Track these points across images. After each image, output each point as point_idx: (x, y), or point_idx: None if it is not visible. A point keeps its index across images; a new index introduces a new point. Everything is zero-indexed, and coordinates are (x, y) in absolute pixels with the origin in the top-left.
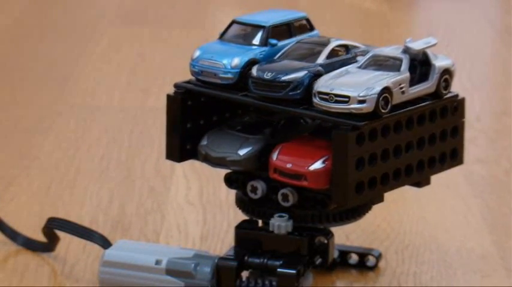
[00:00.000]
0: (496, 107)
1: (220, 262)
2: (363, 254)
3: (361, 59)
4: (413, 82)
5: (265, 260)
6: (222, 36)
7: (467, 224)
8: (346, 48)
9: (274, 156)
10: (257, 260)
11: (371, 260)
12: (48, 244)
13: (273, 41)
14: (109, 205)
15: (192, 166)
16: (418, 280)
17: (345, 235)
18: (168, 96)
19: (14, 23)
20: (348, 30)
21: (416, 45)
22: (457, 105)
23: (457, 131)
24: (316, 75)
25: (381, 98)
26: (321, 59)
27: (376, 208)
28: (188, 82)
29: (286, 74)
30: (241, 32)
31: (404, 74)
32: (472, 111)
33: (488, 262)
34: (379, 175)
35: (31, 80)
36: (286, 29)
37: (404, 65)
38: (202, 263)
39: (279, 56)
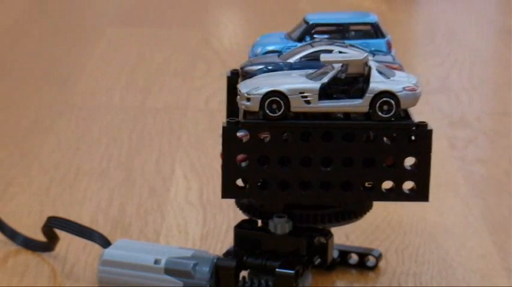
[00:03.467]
0: (496, 107)
1: (219, 261)
2: (363, 254)
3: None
4: (347, 96)
5: (264, 260)
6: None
7: (467, 224)
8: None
9: None
10: (256, 260)
11: (371, 260)
12: (48, 244)
13: (307, 38)
14: (109, 205)
15: (192, 166)
16: (418, 280)
17: (345, 235)
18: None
19: (14, 23)
20: None
21: (322, 57)
22: (419, 135)
23: (419, 164)
24: (272, 71)
25: (268, 101)
26: (294, 58)
27: (376, 208)
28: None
29: (250, 65)
30: (298, 27)
31: (314, 84)
32: (472, 111)
33: (488, 262)
34: (274, 179)
35: (31, 80)
36: (338, 30)
37: (328, 76)
38: (201, 263)
39: (286, 53)
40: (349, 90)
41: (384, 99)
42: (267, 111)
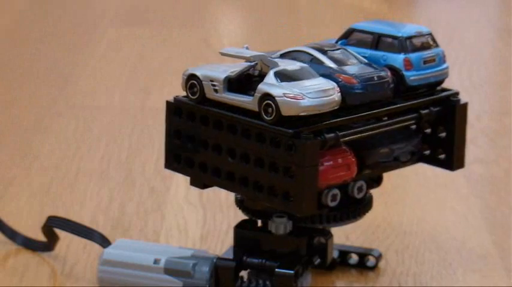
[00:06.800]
0: (496, 107)
1: (218, 261)
2: (363, 254)
3: None
4: (249, 92)
5: (264, 261)
6: None
7: (467, 224)
8: (311, 56)
9: None
10: (256, 260)
11: (371, 260)
12: (48, 243)
13: (340, 42)
14: (109, 205)
15: None
16: (418, 280)
17: (345, 235)
18: None
19: (14, 24)
20: None
21: (222, 50)
22: (294, 146)
23: (295, 175)
24: None
25: (190, 83)
26: (275, 54)
27: (376, 208)
28: None
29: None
30: None
31: (221, 74)
32: (472, 111)
33: (488, 262)
34: (196, 160)
35: (31, 80)
36: (372, 39)
37: (237, 71)
38: (200, 263)
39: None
40: (255, 87)
41: (267, 101)
42: (188, 93)
